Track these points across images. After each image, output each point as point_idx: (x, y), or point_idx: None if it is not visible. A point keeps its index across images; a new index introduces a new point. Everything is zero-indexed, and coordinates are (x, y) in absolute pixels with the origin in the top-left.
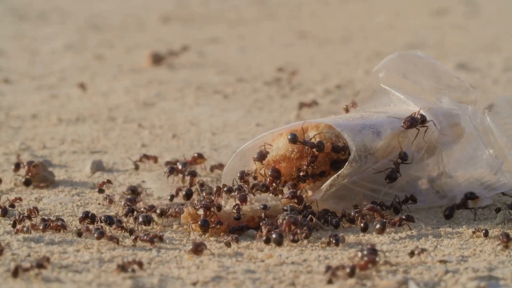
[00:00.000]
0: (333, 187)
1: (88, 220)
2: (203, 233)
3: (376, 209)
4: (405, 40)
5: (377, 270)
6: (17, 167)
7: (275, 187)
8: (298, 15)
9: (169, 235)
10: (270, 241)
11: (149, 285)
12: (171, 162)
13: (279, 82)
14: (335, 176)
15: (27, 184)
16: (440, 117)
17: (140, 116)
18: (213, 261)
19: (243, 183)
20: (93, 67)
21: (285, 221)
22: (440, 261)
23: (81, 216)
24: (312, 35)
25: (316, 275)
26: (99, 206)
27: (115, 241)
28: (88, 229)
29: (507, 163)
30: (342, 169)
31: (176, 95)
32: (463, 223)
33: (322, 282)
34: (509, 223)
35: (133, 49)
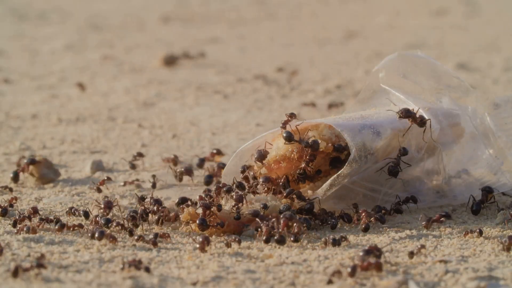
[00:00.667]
0: (333, 187)
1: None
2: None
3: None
4: (405, 40)
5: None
6: (16, 177)
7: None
8: (298, 15)
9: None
10: (270, 241)
11: (149, 285)
12: (171, 158)
13: (275, 81)
14: (335, 176)
15: (15, 180)
16: (440, 117)
17: (140, 116)
18: (213, 261)
19: (243, 179)
20: (93, 67)
21: (282, 220)
22: (440, 261)
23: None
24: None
25: (316, 275)
26: (99, 206)
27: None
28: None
29: (507, 163)
30: (342, 169)
31: (176, 95)
32: (463, 223)
33: (322, 282)
34: (509, 223)
35: (140, 50)
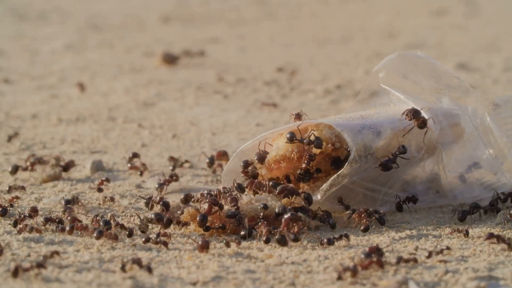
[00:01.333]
0: (333, 187)
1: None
2: (202, 228)
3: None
4: (405, 40)
5: (377, 270)
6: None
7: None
8: (298, 15)
9: None
10: (270, 241)
11: (149, 285)
12: (175, 158)
13: (275, 81)
14: (335, 176)
15: (13, 171)
16: (440, 117)
17: (140, 116)
18: (213, 261)
19: (244, 175)
20: (93, 67)
21: (284, 220)
22: (440, 261)
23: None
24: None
25: (316, 275)
26: (100, 206)
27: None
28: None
29: (507, 163)
30: (342, 169)
31: (176, 95)
32: (463, 223)
33: (322, 282)
34: (509, 223)
35: (140, 50)
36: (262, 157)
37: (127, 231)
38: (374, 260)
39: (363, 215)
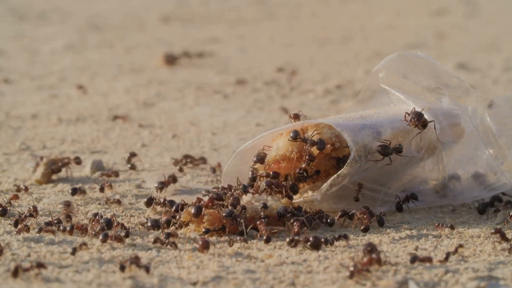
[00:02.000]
0: (333, 187)
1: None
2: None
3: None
4: (405, 40)
5: (377, 270)
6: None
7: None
8: (298, 15)
9: None
10: (270, 241)
11: (149, 285)
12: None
13: (275, 81)
14: (335, 176)
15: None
16: (440, 117)
17: (140, 116)
18: (213, 261)
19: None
20: (93, 67)
21: (296, 224)
22: (440, 261)
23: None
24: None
25: (316, 275)
26: (100, 206)
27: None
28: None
29: (507, 163)
30: (342, 169)
31: (176, 95)
32: (463, 223)
33: (322, 282)
34: (509, 223)
35: (140, 50)
36: (261, 158)
37: (129, 232)
38: (373, 257)
39: (365, 216)
